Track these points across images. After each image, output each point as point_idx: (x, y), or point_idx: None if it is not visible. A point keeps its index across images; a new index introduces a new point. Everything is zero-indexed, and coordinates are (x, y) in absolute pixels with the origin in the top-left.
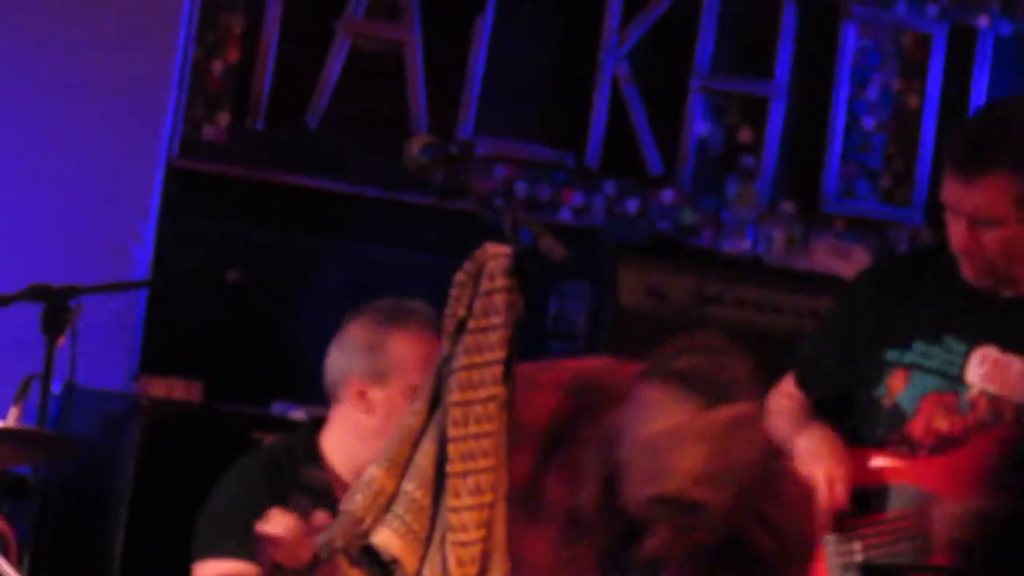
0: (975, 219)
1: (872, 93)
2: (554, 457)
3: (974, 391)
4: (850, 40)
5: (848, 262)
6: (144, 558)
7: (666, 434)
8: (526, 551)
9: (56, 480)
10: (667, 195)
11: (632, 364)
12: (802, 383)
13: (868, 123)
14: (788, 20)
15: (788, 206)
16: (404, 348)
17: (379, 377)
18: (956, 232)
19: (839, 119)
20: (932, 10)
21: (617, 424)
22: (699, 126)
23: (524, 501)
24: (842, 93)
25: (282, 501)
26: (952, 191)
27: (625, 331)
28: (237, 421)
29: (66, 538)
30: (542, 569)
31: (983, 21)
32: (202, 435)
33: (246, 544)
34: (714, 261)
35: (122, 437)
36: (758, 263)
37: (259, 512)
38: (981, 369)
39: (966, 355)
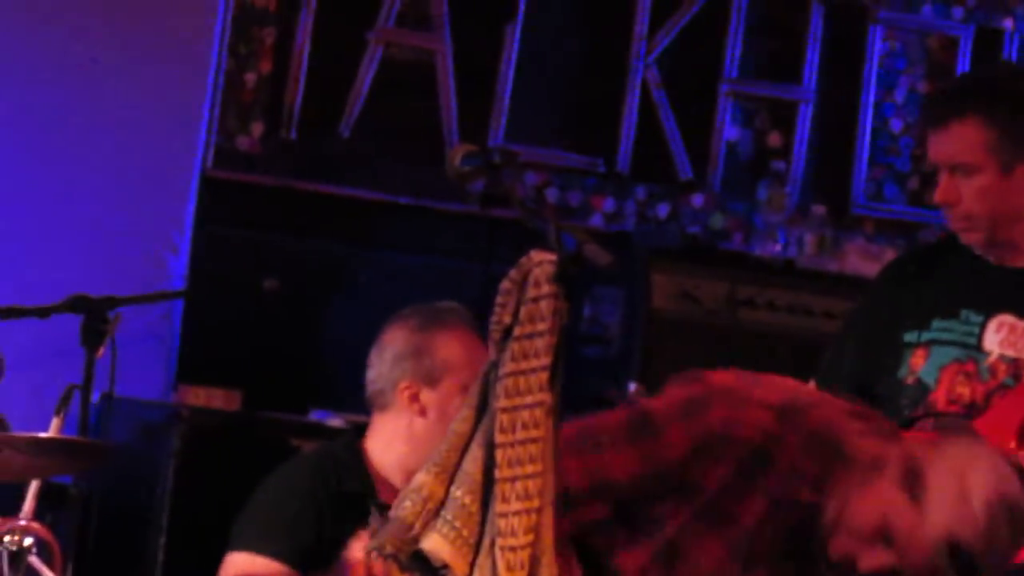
0: (953, 167)
1: (899, 96)
2: (752, 479)
3: (993, 357)
4: (877, 43)
5: (879, 264)
6: (185, 565)
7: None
8: (695, 554)
9: (98, 489)
10: (698, 199)
11: (841, 401)
12: (823, 385)
13: (896, 126)
14: (815, 24)
15: (818, 209)
16: (450, 347)
17: (431, 379)
18: (939, 186)
19: (867, 122)
20: (958, 13)
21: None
22: (729, 131)
23: (710, 509)
24: (870, 96)
25: (325, 507)
26: (929, 142)
27: (658, 334)
28: (275, 429)
29: (108, 546)
30: None
31: (1008, 23)
32: (241, 443)
33: (279, 544)
34: (746, 264)
35: (162, 446)
36: (789, 266)
37: (299, 517)
38: (998, 336)
39: (983, 325)
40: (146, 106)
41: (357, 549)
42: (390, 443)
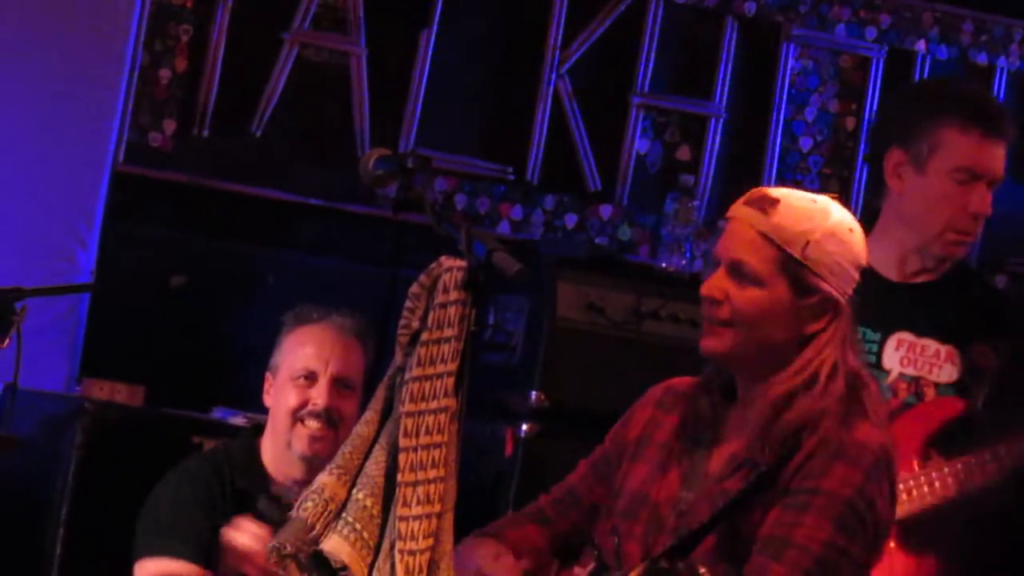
0: (993, 182)
1: (810, 114)
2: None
3: (893, 375)
4: (789, 61)
5: None
6: (83, 558)
7: None
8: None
9: None
10: (605, 211)
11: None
12: None
13: (805, 144)
14: (729, 40)
15: (725, 224)
16: (290, 342)
17: (274, 370)
18: (979, 196)
19: (777, 139)
20: (871, 33)
21: None
22: (639, 143)
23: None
24: (780, 113)
25: (220, 504)
26: (986, 152)
27: (562, 344)
28: (178, 425)
29: (6, 538)
30: None
31: (921, 45)
32: (143, 438)
33: (185, 544)
34: (651, 277)
35: (64, 439)
36: (695, 280)
37: (197, 515)
38: (898, 354)
39: (881, 343)
40: (60, 100)
41: (238, 536)
42: (267, 438)
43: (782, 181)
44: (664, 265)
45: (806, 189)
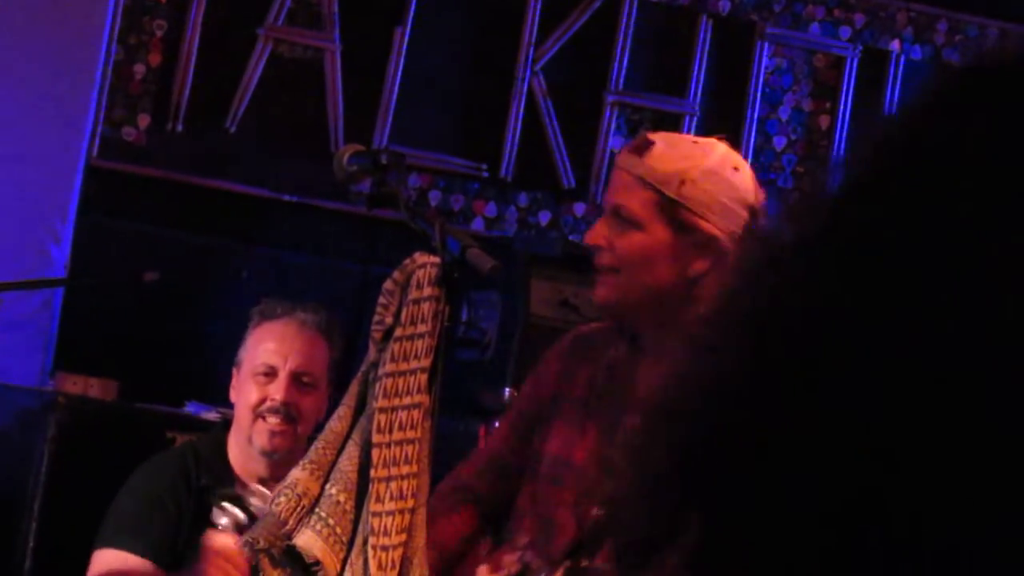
0: None
1: (784, 113)
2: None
3: None
4: (763, 59)
5: None
6: (56, 553)
7: None
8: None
9: None
10: (579, 208)
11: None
12: None
13: (779, 143)
14: (703, 38)
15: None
16: (253, 338)
17: (239, 366)
18: None
19: (751, 138)
20: (845, 32)
21: None
22: (613, 141)
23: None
24: (754, 112)
25: (185, 503)
26: None
27: (535, 341)
28: (151, 420)
29: None
30: None
31: (895, 45)
32: (116, 433)
33: (139, 540)
34: None
35: (37, 433)
36: None
37: (159, 511)
38: None
39: None
40: (34, 94)
41: (218, 539)
42: (232, 435)
43: (756, 180)
44: None
45: (779, 188)
